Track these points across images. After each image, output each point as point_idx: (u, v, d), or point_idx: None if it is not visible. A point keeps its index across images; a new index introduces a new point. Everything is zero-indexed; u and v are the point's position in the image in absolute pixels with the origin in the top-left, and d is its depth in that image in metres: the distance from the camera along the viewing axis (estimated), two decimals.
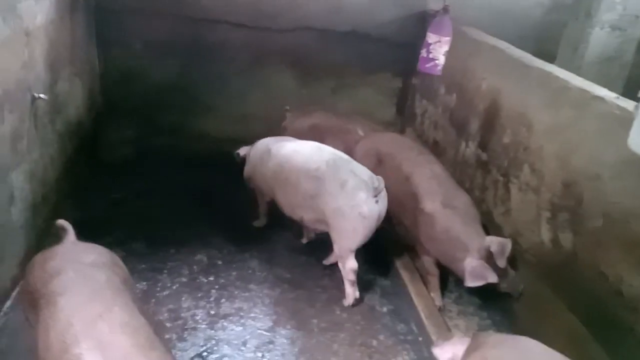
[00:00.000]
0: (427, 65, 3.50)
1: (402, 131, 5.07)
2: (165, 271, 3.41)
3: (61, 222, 2.52)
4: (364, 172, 3.15)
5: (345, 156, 3.32)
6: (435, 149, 4.43)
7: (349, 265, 3.15)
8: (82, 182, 4.32)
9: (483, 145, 3.57)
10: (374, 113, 5.01)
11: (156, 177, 4.62)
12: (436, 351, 2.32)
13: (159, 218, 4.03)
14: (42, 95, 3.28)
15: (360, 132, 4.08)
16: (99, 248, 2.35)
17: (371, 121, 4.51)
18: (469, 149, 3.77)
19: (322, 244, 3.91)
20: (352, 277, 3.19)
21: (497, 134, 3.39)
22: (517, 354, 1.96)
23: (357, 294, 3.27)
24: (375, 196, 3.05)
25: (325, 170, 3.15)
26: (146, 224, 3.92)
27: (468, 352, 2.11)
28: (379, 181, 3.06)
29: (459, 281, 3.07)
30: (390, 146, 3.76)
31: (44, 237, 3.52)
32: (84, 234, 3.68)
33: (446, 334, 2.97)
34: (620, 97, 2.45)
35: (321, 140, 4.11)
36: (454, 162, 4.03)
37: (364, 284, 3.51)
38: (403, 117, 5.24)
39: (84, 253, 2.23)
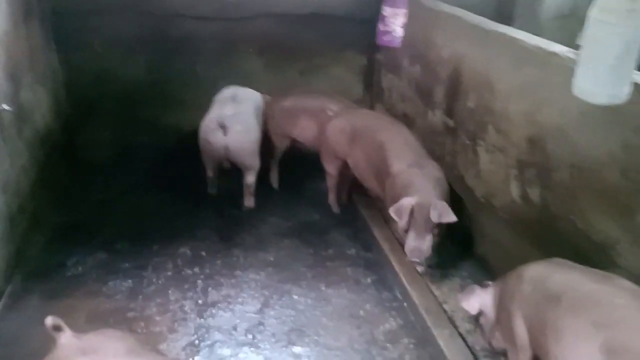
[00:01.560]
0: (385, 38, 3.56)
1: (371, 107, 5.11)
2: (150, 267, 3.44)
3: (50, 320, 1.93)
4: (220, 111, 3.95)
5: (234, 102, 4.07)
6: (405, 121, 4.48)
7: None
8: (61, 188, 4.31)
9: (449, 112, 3.64)
10: (343, 91, 5.03)
11: (135, 175, 4.62)
12: (464, 305, 2.57)
13: (141, 216, 4.04)
14: (5, 106, 3.25)
15: (330, 112, 4.11)
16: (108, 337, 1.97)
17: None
18: (436, 117, 3.84)
19: (307, 226, 3.98)
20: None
21: (462, 100, 3.46)
22: (549, 262, 2.24)
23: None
24: (223, 129, 3.83)
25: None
26: (129, 222, 3.94)
27: (501, 293, 2.38)
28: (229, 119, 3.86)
29: (438, 247, 3.14)
30: (364, 120, 3.85)
31: (25, 247, 3.52)
32: (67, 239, 3.72)
33: (430, 296, 3.06)
34: (573, 51, 2.52)
35: (296, 120, 4.18)
36: (423, 131, 4.09)
37: (348, 259, 3.59)
38: (372, 93, 5.29)
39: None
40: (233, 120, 3.89)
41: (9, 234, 3.28)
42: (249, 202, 4.19)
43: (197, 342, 2.84)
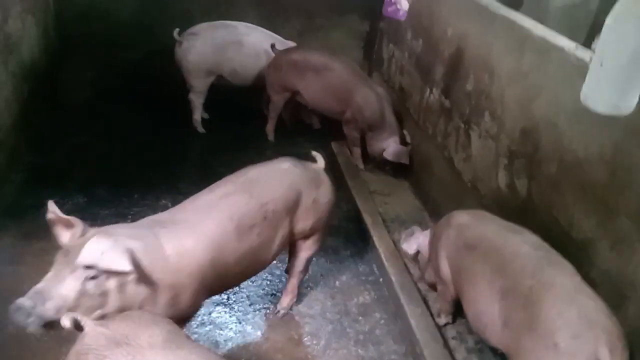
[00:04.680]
0: (390, 9, 3.48)
1: (369, 75, 5.04)
2: (130, 217, 3.39)
3: (67, 320, 1.59)
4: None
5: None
6: (401, 95, 4.44)
7: None
8: (41, 126, 4.20)
9: (447, 92, 3.60)
10: (340, 56, 4.94)
11: (118, 120, 4.53)
12: (404, 246, 2.90)
13: (121, 162, 3.98)
14: None
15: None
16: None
17: None
18: (433, 96, 3.79)
19: None
20: None
21: (461, 81, 3.41)
22: (476, 214, 2.62)
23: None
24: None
25: None
26: (109, 168, 3.88)
27: (433, 235, 2.71)
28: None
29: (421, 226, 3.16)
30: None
31: (1, 184, 3.44)
32: (45, 180, 3.65)
33: (406, 274, 3.09)
34: (580, 47, 2.47)
35: (301, 76, 4.09)
36: (419, 108, 4.05)
37: (329, 229, 3.58)
38: (371, 62, 5.20)
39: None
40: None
41: None
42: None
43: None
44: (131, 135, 4.34)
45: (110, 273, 1.80)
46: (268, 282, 3.06)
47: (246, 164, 4.09)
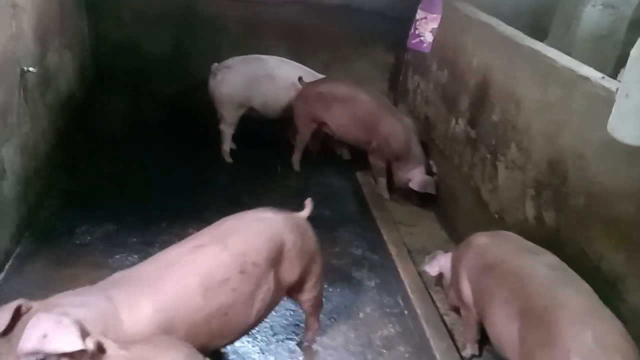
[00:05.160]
0: (414, 42, 3.52)
1: (395, 106, 5.08)
2: (157, 245, 3.44)
3: (90, 342, 1.61)
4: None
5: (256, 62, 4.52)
6: (426, 125, 4.45)
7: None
8: (75, 155, 4.34)
9: (472, 122, 3.60)
10: (366, 87, 5.01)
11: (149, 150, 4.64)
12: (426, 268, 2.96)
13: (151, 191, 4.06)
14: (31, 69, 3.27)
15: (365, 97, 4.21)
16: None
17: None
18: (459, 126, 3.79)
19: (315, 221, 3.95)
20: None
21: (487, 112, 3.41)
22: (495, 235, 2.65)
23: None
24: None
25: None
26: (138, 196, 3.96)
27: (454, 257, 2.75)
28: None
29: None
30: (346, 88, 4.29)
31: (36, 210, 3.56)
32: (76, 207, 3.76)
33: (432, 307, 3.05)
34: (606, 78, 2.46)
35: (328, 107, 4.18)
36: (444, 138, 4.05)
37: (352, 258, 3.58)
38: (396, 93, 5.24)
39: None
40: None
41: (23, 196, 3.32)
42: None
43: None
44: (161, 165, 4.44)
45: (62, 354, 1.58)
46: (292, 313, 3.05)
47: (271, 193, 4.20)
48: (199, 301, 1.97)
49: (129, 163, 4.42)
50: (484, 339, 2.71)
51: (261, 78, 4.45)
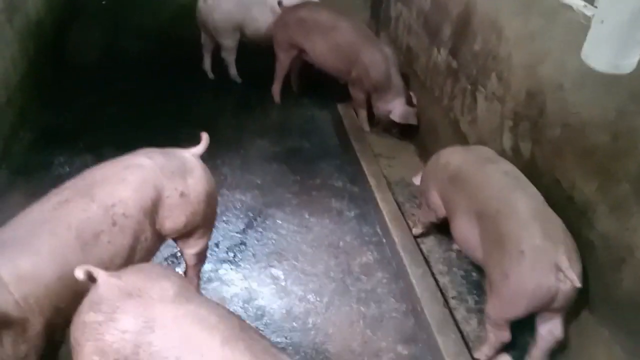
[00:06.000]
0: None
1: (376, 34, 4.97)
2: None
3: (80, 271, 1.64)
4: None
5: None
6: (408, 55, 4.39)
7: None
8: (49, 87, 4.22)
9: (454, 53, 3.56)
10: (348, 15, 4.87)
11: (125, 81, 4.53)
12: (413, 179, 3.20)
13: (129, 123, 4.00)
14: None
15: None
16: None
17: None
18: (441, 56, 3.75)
19: (295, 153, 3.98)
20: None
21: (469, 41, 3.36)
22: (464, 148, 2.89)
23: None
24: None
25: None
26: (116, 129, 3.91)
27: (425, 169, 2.99)
28: None
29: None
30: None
31: (11, 143, 3.50)
32: (53, 139, 3.70)
33: (409, 235, 3.13)
34: (589, 5, 2.43)
35: (309, 33, 4.09)
36: (426, 68, 4.01)
37: (333, 190, 3.63)
38: (378, 21, 5.12)
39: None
40: None
41: None
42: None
43: (179, 254, 2.91)
44: (138, 96, 4.35)
45: None
46: (274, 242, 3.13)
47: (251, 126, 4.17)
48: (79, 256, 1.85)
49: (105, 95, 4.33)
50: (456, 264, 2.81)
51: (253, 4, 4.39)
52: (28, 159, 3.48)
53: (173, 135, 3.93)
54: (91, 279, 1.63)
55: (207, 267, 2.88)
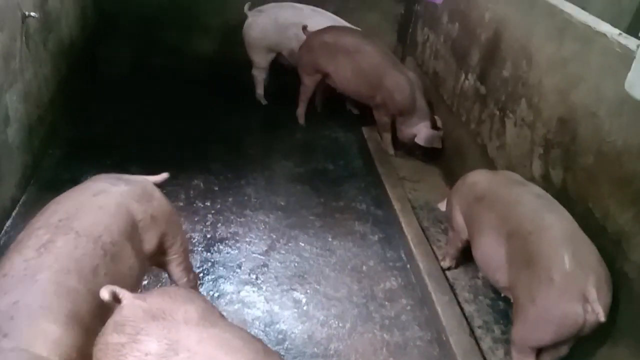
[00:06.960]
0: None
1: (402, 60, 4.98)
2: (163, 194, 3.46)
3: (106, 292, 1.62)
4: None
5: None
6: (435, 80, 4.38)
7: None
8: (78, 102, 4.30)
9: (482, 78, 3.53)
10: (372, 40, 4.89)
11: (154, 98, 4.60)
12: (439, 206, 3.16)
13: (156, 140, 4.04)
14: (32, 14, 3.19)
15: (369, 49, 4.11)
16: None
17: None
18: (468, 82, 3.73)
19: (320, 175, 3.96)
20: None
21: (497, 67, 3.34)
22: (491, 172, 2.85)
23: None
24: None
25: None
26: (144, 145, 3.95)
27: (451, 190, 2.97)
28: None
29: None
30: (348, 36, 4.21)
31: (41, 158, 3.56)
32: (81, 155, 3.75)
33: (434, 261, 3.08)
34: (623, 34, 2.39)
35: (333, 57, 4.12)
36: (453, 93, 3.99)
37: (357, 213, 3.59)
38: (404, 45, 5.13)
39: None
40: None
41: (27, 144, 3.30)
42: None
43: (201, 275, 2.91)
44: (166, 114, 4.41)
45: None
46: (296, 264, 3.09)
47: (277, 147, 4.17)
48: (88, 299, 1.73)
49: (133, 111, 4.39)
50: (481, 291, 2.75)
51: (291, 25, 4.41)
52: (57, 174, 3.52)
53: (199, 152, 3.98)
54: (116, 299, 1.61)
55: (229, 288, 2.86)
